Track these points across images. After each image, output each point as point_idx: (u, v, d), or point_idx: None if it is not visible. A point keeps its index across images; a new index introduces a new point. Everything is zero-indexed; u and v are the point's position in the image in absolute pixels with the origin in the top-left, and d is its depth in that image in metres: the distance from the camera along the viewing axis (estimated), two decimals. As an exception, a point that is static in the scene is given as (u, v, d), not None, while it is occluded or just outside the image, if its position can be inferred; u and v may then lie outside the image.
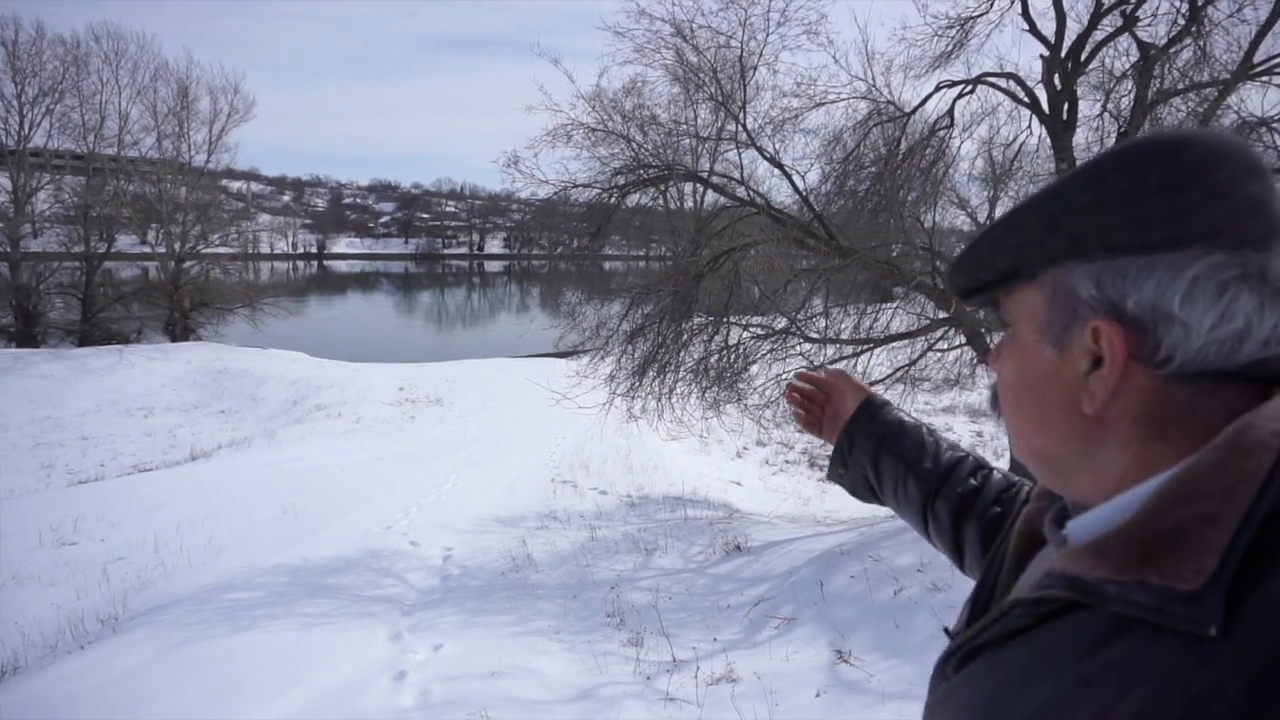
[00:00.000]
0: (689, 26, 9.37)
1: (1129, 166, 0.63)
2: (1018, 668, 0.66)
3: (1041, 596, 0.65)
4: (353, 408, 19.51)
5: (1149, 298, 0.61)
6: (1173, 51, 8.35)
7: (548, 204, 10.86)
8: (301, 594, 6.31)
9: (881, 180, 9.13)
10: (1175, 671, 0.52)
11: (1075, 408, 0.66)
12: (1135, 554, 0.58)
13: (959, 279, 0.77)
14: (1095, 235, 0.64)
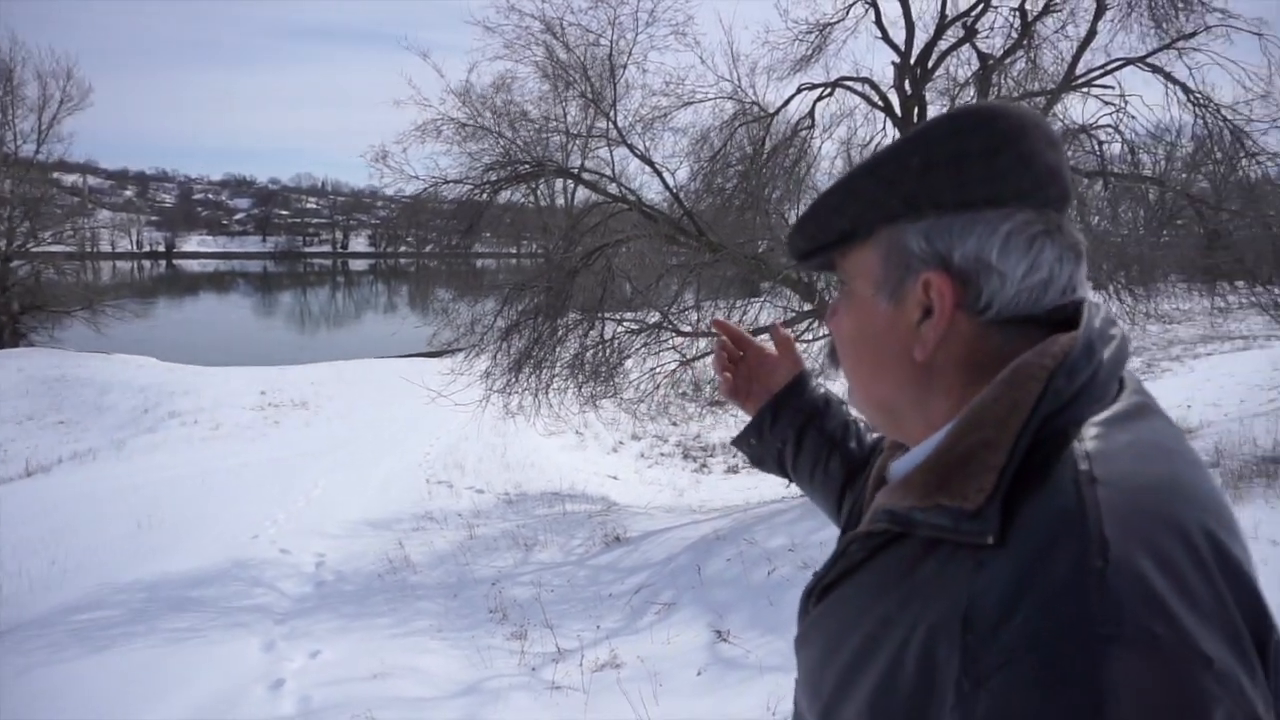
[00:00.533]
0: (559, 24, 9.40)
1: (953, 134, 0.71)
2: (858, 595, 0.75)
3: (870, 530, 0.75)
4: (210, 414, 18.50)
5: (972, 250, 0.70)
6: (1008, 62, 9.02)
7: (416, 201, 10.65)
8: (164, 609, 5.99)
9: (747, 178, 9.44)
10: (964, 578, 0.62)
11: (908, 356, 0.74)
12: (933, 483, 0.68)
13: (800, 241, 0.83)
14: (925, 195, 0.71)
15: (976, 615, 0.59)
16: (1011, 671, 0.55)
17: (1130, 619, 0.53)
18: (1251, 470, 5.76)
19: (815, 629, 0.81)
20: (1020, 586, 0.57)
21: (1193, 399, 12.86)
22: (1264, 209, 8.40)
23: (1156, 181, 8.74)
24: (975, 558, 0.62)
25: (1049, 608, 0.55)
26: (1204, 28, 7.71)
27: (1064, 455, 0.62)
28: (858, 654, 0.71)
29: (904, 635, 0.65)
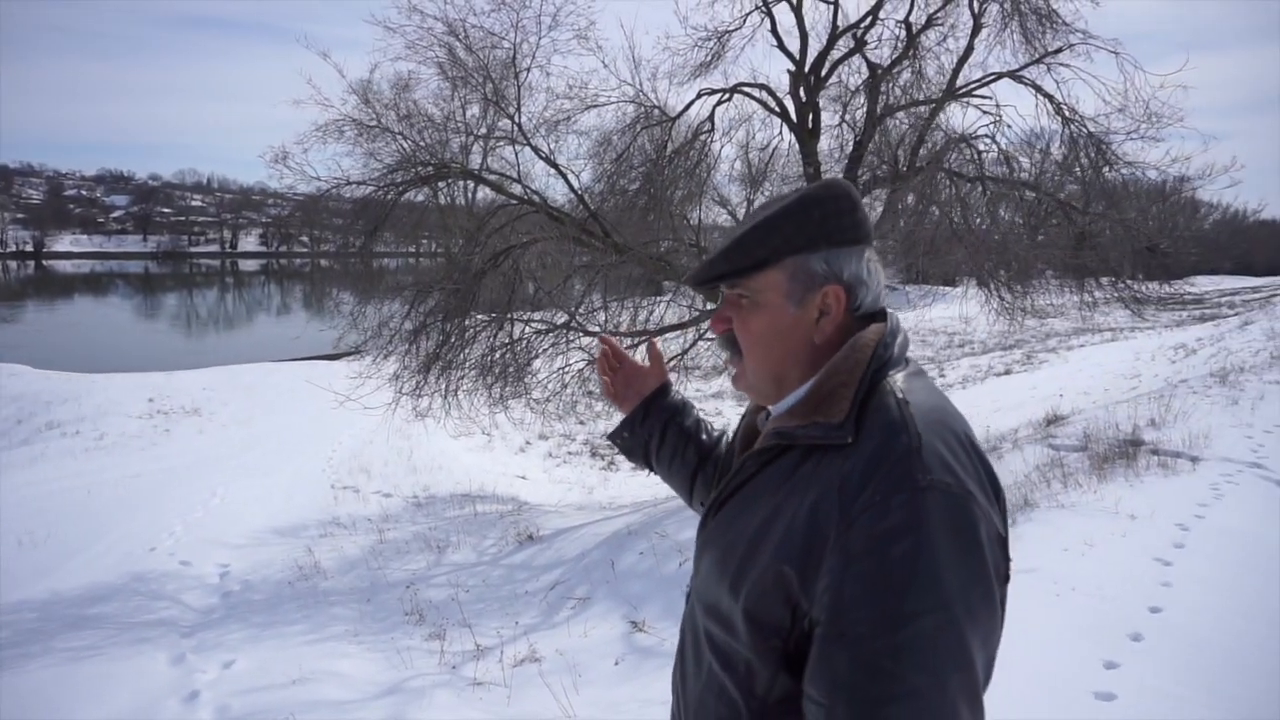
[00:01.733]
0: (461, 25, 9.39)
1: (832, 197, 1.11)
2: (753, 497, 1.09)
3: (761, 447, 1.10)
4: (93, 423, 17.59)
5: (853, 271, 1.12)
6: (895, 72, 9.50)
7: (313, 199, 10.43)
8: (59, 628, 5.77)
9: (650, 180, 9.64)
10: (836, 466, 0.99)
11: (808, 342, 1.12)
12: (810, 409, 1.06)
13: (723, 265, 1.12)
14: (823, 236, 1.11)
15: (847, 484, 0.96)
16: (871, 512, 0.93)
17: (934, 475, 0.94)
18: (1114, 452, 6.31)
19: (716, 531, 1.13)
20: (873, 462, 0.96)
21: (1065, 388, 13.80)
22: (1123, 212, 9.13)
23: (1031, 186, 9.36)
24: (842, 453, 1.00)
25: (890, 473, 0.94)
26: (1068, 45, 8.33)
27: (887, 390, 1.04)
28: (758, 530, 1.04)
29: (794, 509, 1.00)
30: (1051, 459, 6.64)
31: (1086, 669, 3.15)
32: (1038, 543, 4.50)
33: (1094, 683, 3.06)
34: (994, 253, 9.32)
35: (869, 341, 1.08)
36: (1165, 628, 3.43)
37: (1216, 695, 2.92)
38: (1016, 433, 8.98)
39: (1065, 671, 3.15)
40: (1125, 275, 9.72)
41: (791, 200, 1.10)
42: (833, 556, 0.93)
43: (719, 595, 1.07)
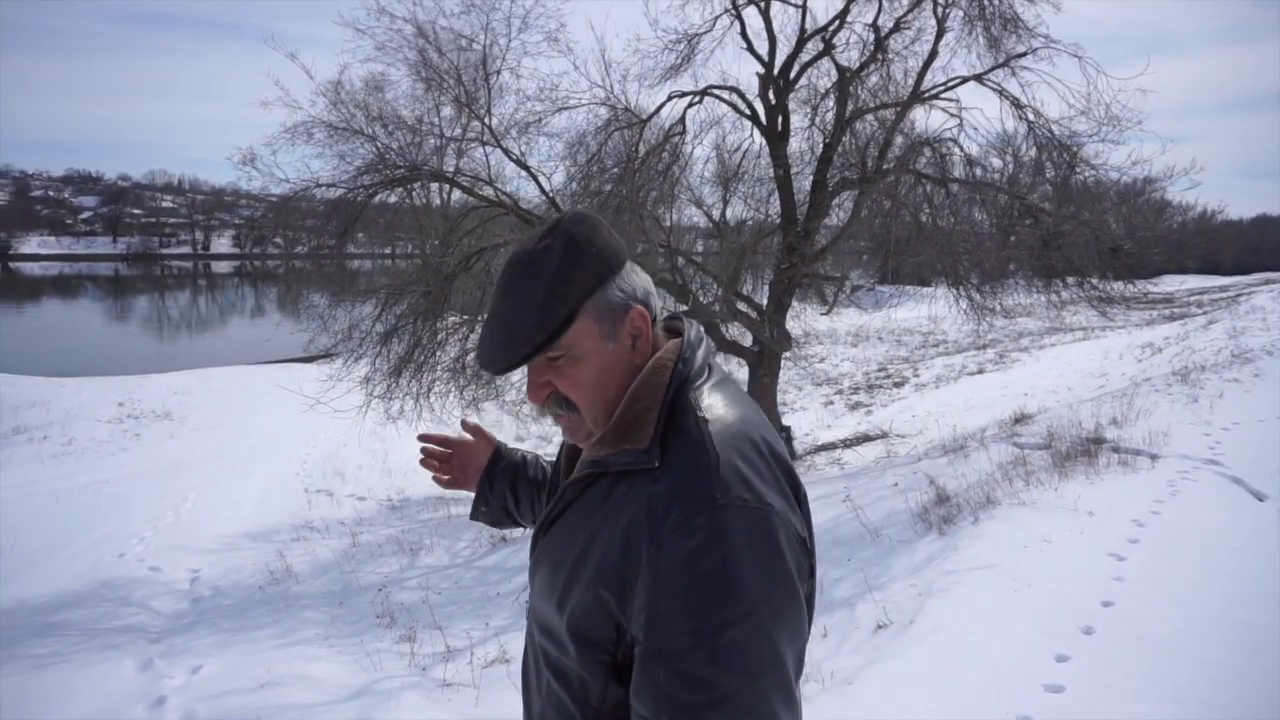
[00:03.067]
0: (431, 27, 9.40)
1: (594, 229, 1.12)
2: (575, 520, 1.13)
3: (577, 476, 1.15)
4: (62, 428, 17.34)
5: (639, 287, 1.15)
6: (864, 75, 9.62)
7: (285, 201, 10.37)
8: (23, 635, 5.72)
9: (623, 182, 9.68)
10: (644, 490, 1.04)
11: (633, 368, 1.14)
12: (618, 437, 1.10)
13: (538, 337, 1.08)
14: (605, 267, 1.11)
15: (654, 507, 1.02)
16: (678, 533, 0.99)
17: (732, 493, 1.00)
18: (1076, 450, 6.43)
19: (545, 552, 1.19)
20: (677, 485, 1.02)
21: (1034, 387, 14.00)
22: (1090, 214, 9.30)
23: (997, 188, 9.51)
24: (649, 477, 1.05)
25: (692, 494, 1.01)
26: (1031, 50, 8.48)
27: (688, 409, 1.09)
28: (580, 553, 1.09)
29: (610, 533, 1.06)
30: (1015, 457, 6.75)
31: (1038, 661, 3.24)
32: (998, 540, 4.59)
33: (1044, 674, 3.14)
34: (964, 254, 9.46)
35: (666, 362, 1.13)
36: (1116, 620, 3.52)
37: (1164, 686, 3.01)
38: (984, 432, 9.11)
39: (1017, 664, 3.23)
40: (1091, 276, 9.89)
41: (562, 246, 1.10)
42: (645, 577, 1.00)
43: (548, 615, 1.13)
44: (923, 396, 16.35)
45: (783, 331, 9.88)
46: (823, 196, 9.69)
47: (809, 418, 15.29)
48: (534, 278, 1.09)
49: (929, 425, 11.85)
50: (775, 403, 10.32)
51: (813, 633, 1.92)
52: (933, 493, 5.88)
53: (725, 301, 9.82)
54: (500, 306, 1.11)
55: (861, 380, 19.36)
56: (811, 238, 9.83)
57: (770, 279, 10.49)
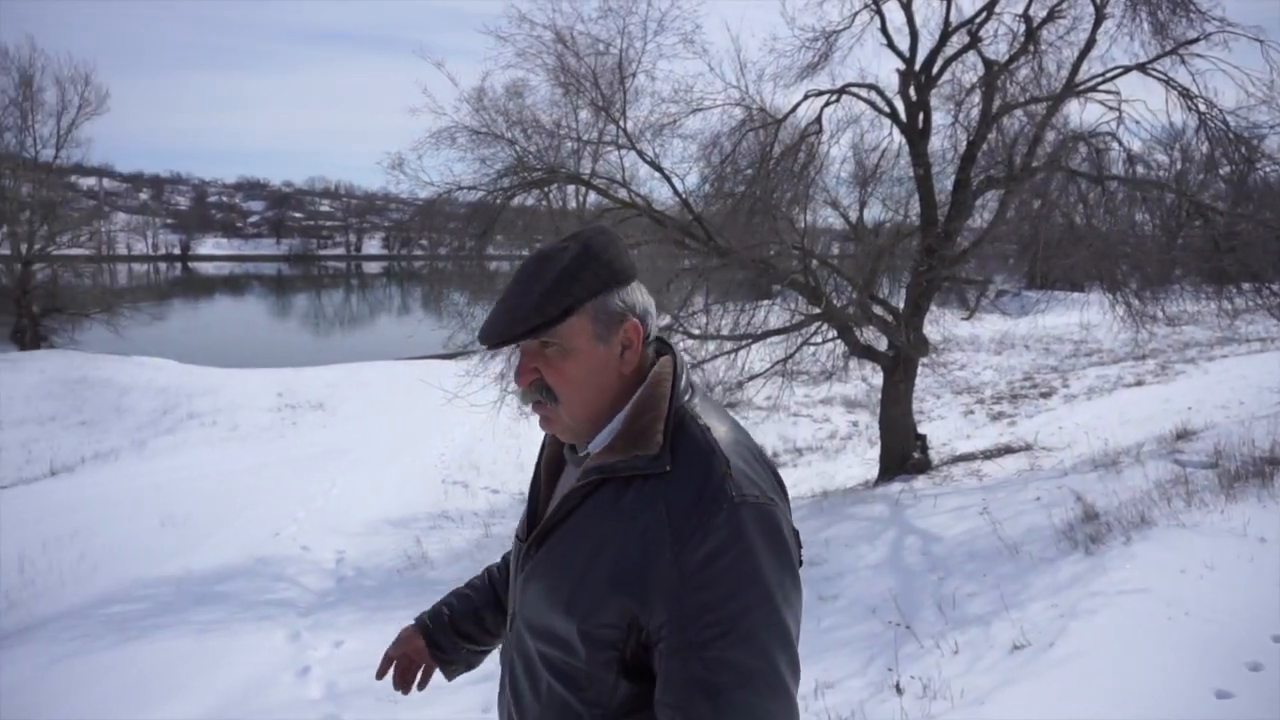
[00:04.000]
0: (569, 33, 9.59)
1: (610, 242, 1.21)
2: (577, 529, 1.18)
3: (585, 482, 1.18)
4: (228, 415, 18.81)
5: (640, 303, 1.22)
6: (1013, 68, 9.15)
7: (430, 204, 10.84)
8: (190, 603, 6.22)
9: (756, 183, 9.59)
10: (659, 493, 1.11)
11: (618, 375, 1.21)
12: (628, 443, 1.16)
13: (535, 319, 1.16)
14: (613, 276, 1.20)
15: (674, 508, 1.09)
16: (699, 533, 1.07)
17: (744, 491, 1.09)
18: (1248, 471, 5.89)
19: (543, 564, 1.22)
20: (694, 490, 1.10)
21: (1200, 401, 12.93)
22: (1269, 213, 8.51)
23: (1162, 186, 8.84)
24: (663, 480, 1.12)
25: (710, 497, 1.08)
26: (1204, 35, 7.83)
27: (690, 419, 1.17)
28: (590, 557, 1.14)
29: (625, 536, 1.11)
30: (1176, 475, 6.26)
31: (1195, 695, 2.98)
32: (1152, 563, 4.27)
33: (1202, 710, 2.89)
34: (1123, 257, 8.86)
35: (666, 376, 1.22)
36: (1291, 657, 3.21)
37: (1346, 732, 2.72)
38: (1141, 447, 8.50)
39: (1171, 696, 2.99)
40: (1271, 281, 9.07)
41: (578, 250, 1.19)
42: (669, 575, 1.07)
43: (551, 621, 1.18)
44: (1072, 408, 15.40)
45: (919, 336, 9.52)
46: (965, 196, 9.28)
47: (947, 427, 14.70)
48: (546, 270, 1.18)
49: (1078, 439, 11.15)
50: (910, 409, 9.96)
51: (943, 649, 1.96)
52: (1079, 509, 5.53)
53: (860, 304, 9.56)
54: (511, 289, 1.19)
55: (1005, 390, 18.43)
56: (952, 239, 9.44)
57: (908, 282, 10.14)
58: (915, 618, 4.39)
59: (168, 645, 5.08)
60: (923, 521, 5.98)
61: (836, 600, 5.04)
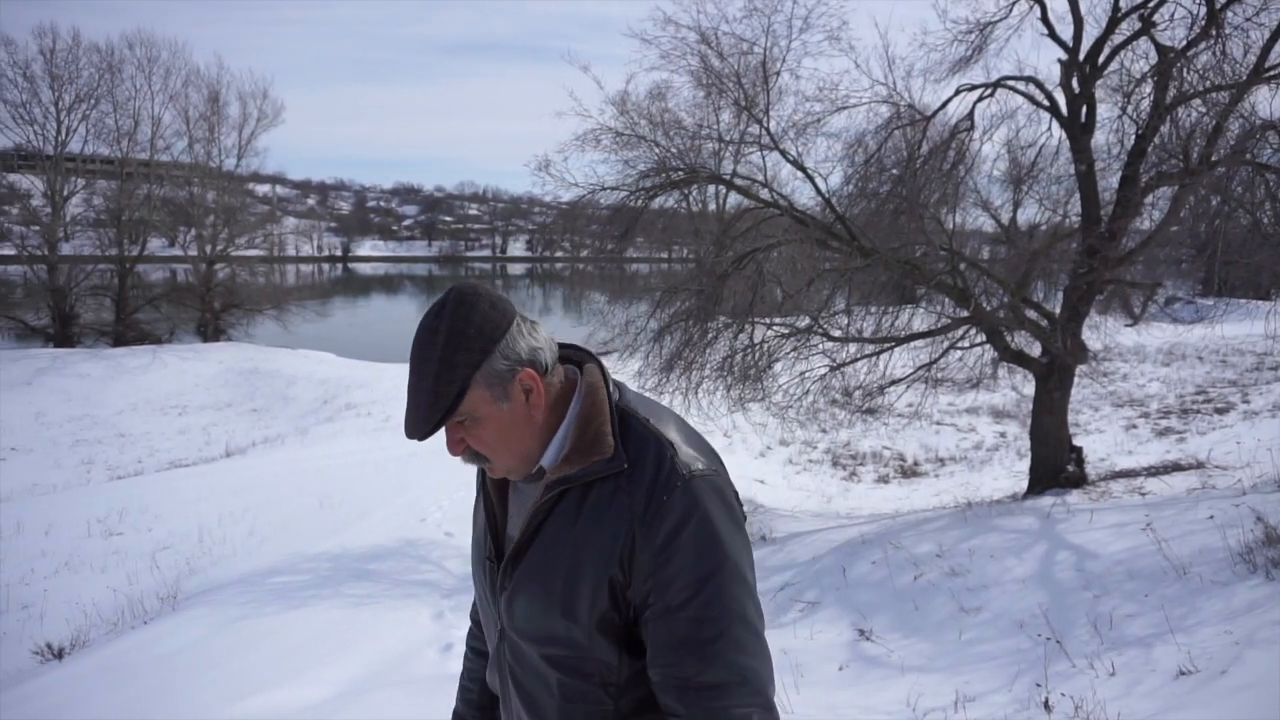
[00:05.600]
0: (714, 33, 9.60)
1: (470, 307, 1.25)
2: (550, 539, 1.29)
3: (546, 497, 1.28)
4: (382, 406, 19.91)
5: (524, 349, 1.28)
6: (1191, 54, 8.47)
7: (572, 207, 11.11)
8: (346, 578, 6.62)
9: (902, 182, 9.30)
10: (623, 489, 1.24)
11: (531, 421, 1.30)
12: (584, 453, 1.27)
13: (437, 414, 1.23)
14: (485, 341, 1.24)
15: (636, 497, 1.23)
16: (661, 512, 1.21)
17: (692, 468, 1.25)
18: None
19: (526, 577, 1.32)
20: (648, 476, 1.24)
21: None
22: None
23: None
24: (622, 477, 1.25)
25: (665, 480, 1.23)
26: None
27: (629, 416, 1.31)
28: (573, 558, 1.26)
29: (600, 531, 1.24)
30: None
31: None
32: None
33: None
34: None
35: (598, 384, 1.35)
36: None
37: None
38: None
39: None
40: None
41: (445, 332, 1.24)
42: (643, 554, 1.23)
43: (549, 625, 1.30)
44: (1253, 425, 14.12)
45: (1077, 341, 8.96)
46: (1133, 193, 8.67)
47: (1106, 441, 13.80)
48: (426, 361, 1.24)
49: (1259, 458, 10.22)
50: (1065, 420, 9.38)
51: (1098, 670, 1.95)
52: (1260, 531, 5.06)
53: (1012, 307, 9.10)
54: (411, 385, 1.27)
55: (1174, 403, 17.10)
56: (1117, 240, 8.84)
57: (1065, 284, 9.57)
58: (1067, 636, 4.14)
59: (325, 615, 5.43)
60: (1077, 537, 5.63)
61: (980, 613, 4.82)
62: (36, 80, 28.61)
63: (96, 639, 5.54)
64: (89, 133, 30.23)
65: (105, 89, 29.92)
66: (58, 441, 17.79)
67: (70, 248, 31.48)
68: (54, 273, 29.13)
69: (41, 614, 6.32)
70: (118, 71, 30.01)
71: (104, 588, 6.92)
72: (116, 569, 7.49)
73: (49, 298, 29.23)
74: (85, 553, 8.03)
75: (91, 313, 30.76)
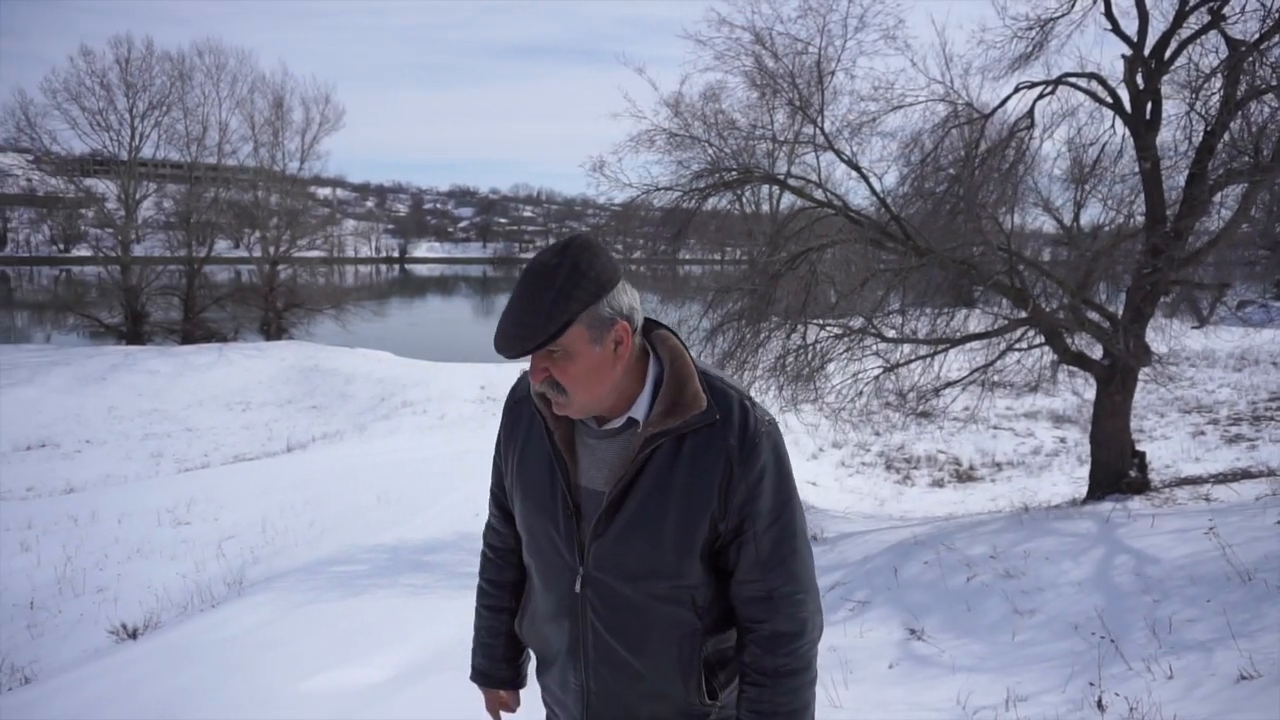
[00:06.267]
0: (768, 34, 9.60)
1: (595, 255, 1.41)
2: (652, 484, 1.46)
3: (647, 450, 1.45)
4: (437, 405, 20.25)
5: (625, 305, 1.43)
6: (1264, 47, 8.22)
7: (626, 208, 11.18)
8: (403, 568, 6.79)
9: (959, 182, 9.17)
10: (714, 436, 1.46)
11: (614, 368, 1.44)
12: (681, 408, 1.45)
13: (541, 335, 1.36)
14: (599, 288, 1.39)
15: (732, 444, 1.45)
16: (749, 454, 1.45)
17: (764, 418, 1.50)
18: None
19: (631, 521, 1.48)
20: (740, 425, 1.46)
21: None
22: None
23: None
24: (715, 427, 1.46)
25: (752, 427, 1.46)
26: None
27: (707, 376, 1.51)
28: (681, 499, 1.45)
29: (700, 472, 1.45)
30: None
31: None
32: None
33: None
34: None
35: (680, 349, 1.54)
36: None
37: None
38: None
39: None
40: None
41: (568, 268, 1.38)
42: (739, 490, 1.46)
43: (657, 560, 1.49)
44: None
45: (1140, 344, 8.75)
46: (1200, 191, 8.43)
47: (1171, 448, 13.41)
48: (544, 289, 1.37)
49: (1335, 466, 9.87)
50: (1128, 424, 9.16)
51: (1155, 673, 2.26)
52: (1331, 538, 4.91)
53: (1072, 309, 8.92)
54: (517, 305, 1.39)
55: (1245, 410, 16.54)
56: (1183, 239, 8.61)
57: (1128, 285, 9.34)
58: (1124, 639, 4.07)
59: (383, 603, 5.59)
60: (1137, 541, 5.51)
61: (1034, 615, 4.76)
62: (113, 88, 29.71)
63: (167, 621, 5.78)
64: (161, 138, 31.31)
65: (176, 96, 30.97)
66: (129, 435, 18.47)
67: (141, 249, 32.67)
68: (127, 273, 30.25)
69: (116, 597, 6.62)
70: (188, 79, 31.05)
71: (174, 574, 7.20)
72: (185, 556, 7.79)
73: (122, 297, 30.37)
74: (156, 540, 8.36)
75: (161, 312, 31.85)
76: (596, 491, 1.51)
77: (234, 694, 3.61)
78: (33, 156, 33.01)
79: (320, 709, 3.40)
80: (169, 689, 3.76)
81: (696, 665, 1.54)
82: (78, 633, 5.93)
